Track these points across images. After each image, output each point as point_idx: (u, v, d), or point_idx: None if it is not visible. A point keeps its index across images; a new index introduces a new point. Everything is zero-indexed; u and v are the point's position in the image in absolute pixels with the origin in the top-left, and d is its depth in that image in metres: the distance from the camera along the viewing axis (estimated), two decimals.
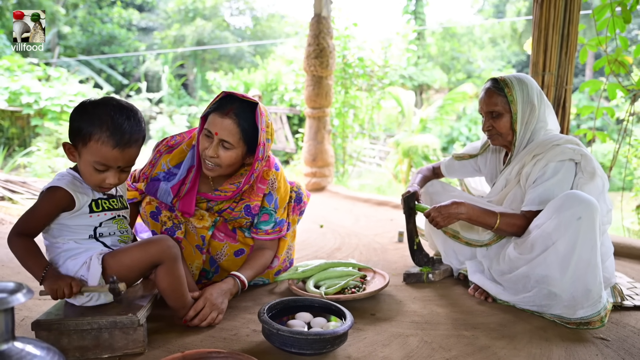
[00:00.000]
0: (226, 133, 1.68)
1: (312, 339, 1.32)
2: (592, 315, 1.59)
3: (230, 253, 1.94)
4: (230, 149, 1.71)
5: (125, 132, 1.35)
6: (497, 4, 24.02)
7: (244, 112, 1.71)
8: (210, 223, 1.87)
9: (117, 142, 1.34)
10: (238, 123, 1.69)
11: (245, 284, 1.79)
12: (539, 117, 1.95)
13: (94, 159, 1.35)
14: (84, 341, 1.34)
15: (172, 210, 1.82)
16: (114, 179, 1.39)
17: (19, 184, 4.44)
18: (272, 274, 2.06)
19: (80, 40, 20.07)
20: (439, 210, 1.94)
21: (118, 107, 1.37)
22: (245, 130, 1.71)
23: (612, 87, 3.26)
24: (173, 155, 1.87)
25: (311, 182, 5.60)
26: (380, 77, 7.93)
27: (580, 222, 1.58)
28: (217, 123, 1.68)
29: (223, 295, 1.68)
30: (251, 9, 25.39)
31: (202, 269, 1.92)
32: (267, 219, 1.94)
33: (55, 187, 1.36)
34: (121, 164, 1.38)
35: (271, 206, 1.93)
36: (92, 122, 1.33)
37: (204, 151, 1.72)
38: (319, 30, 5.39)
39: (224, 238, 1.92)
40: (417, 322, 1.69)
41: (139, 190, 1.87)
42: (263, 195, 1.92)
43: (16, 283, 0.96)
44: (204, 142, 1.72)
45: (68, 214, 1.39)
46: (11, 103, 9.42)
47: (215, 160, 1.71)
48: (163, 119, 14.03)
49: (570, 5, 2.73)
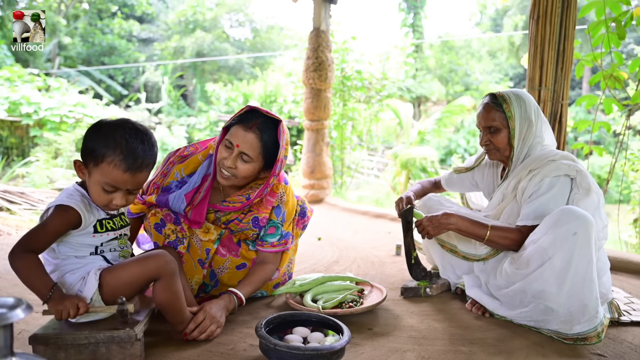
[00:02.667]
0: (247, 146, 1.72)
1: (310, 354, 1.32)
2: (589, 331, 1.60)
3: (232, 267, 1.94)
4: (249, 162, 1.75)
5: (138, 156, 1.36)
6: (495, 18, 24.28)
7: (267, 127, 1.75)
8: (216, 236, 1.88)
9: (129, 166, 1.34)
10: (260, 138, 1.73)
11: (243, 300, 1.79)
12: (536, 132, 1.97)
13: (104, 180, 1.35)
14: (81, 356, 1.33)
15: (176, 224, 1.82)
16: (122, 200, 1.40)
17: (17, 194, 4.43)
18: (271, 286, 2.06)
19: (80, 50, 20.18)
20: (430, 220, 2.01)
21: (133, 130, 1.38)
22: (266, 146, 1.76)
23: (608, 102, 3.29)
24: (187, 164, 1.90)
25: (309, 194, 5.61)
26: (378, 89, 7.98)
27: (576, 238, 1.59)
28: (239, 136, 1.72)
29: (221, 310, 1.68)
30: (251, 21, 25.59)
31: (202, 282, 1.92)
32: (274, 232, 1.95)
33: (66, 207, 1.36)
34: (130, 187, 1.39)
35: (279, 219, 1.95)
36: (107, 144, 1.34)
37: (222, 160, 1.76)
38: (318, 44, 5.45)
39: (226, 253, 1.92)
40: (415, 337, 1.69)
41: (147, 203, 1.87)
42: (271, 207, 1.94)
43: (16, 298, 0.97)
44: (223, 152, 1.76)
45: (73, 232, 1.39)
46: (11, 113, 9.44)
47: (233, 171, 1.75)
48: (162, 129, 14.06)
49: (565, 22, 2.77)
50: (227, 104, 15.60)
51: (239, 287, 1.82)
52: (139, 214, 1.90)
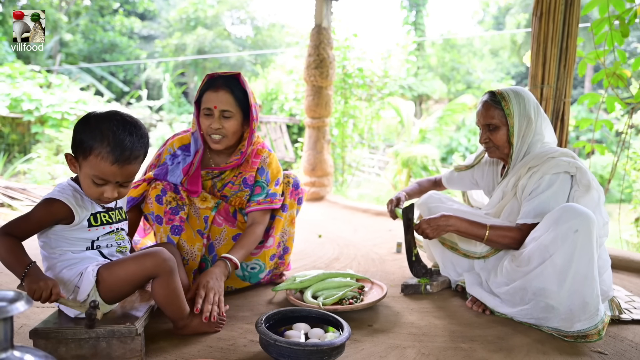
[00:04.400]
0: (224, 103, 1.86)
1: (310, 350, 1.32)
2: (590, 329, 1.59)
3: (229, 238, 2.03)
4: (231, 117, 1.89)
5: (126, 148, 1.34)
6: (497, 16, 24.21)
7: (231, 83, 1.90)
8: (213, 204, 1.99)
9: (116, 158, 1.33)
10: (231, 91, 1.88)
11: (237, 264, 1.83)
12: (536, 130, 1.97)
13: (93, 173, 1.34)
14: (81, 350, 1.34)
15: (176, 192, 1.91)
16: (112, 193, 1.38)
17: (19, 190, 4.44)
18: (268, 257, 2.08)
19: (82, 47, 20.16)
20: (428, 222, 2.00)
21: (121, 122, 1.37)
22: (238, 97, 1.90)
23: (611, 100, 3.28)
24: (178, 139, 2.01)
25: (310, 192, 5.60)
26: (379, 87, 7.97)
27: (577, 235, 1.59)
28: (212, 98, 1.87)
29: (217, 279, 1.71)
30: (252, 18, 25.55)
31: (202, 257, 1.97)
32: (260, 192, 2.05)
33: (54, 200, 1.35)
34: (120, 180, 1.38)
35: (263, 178, 2.06)
36: (94, 136, 1.33)
37: (208, 128, 1.88)
38: (320, 41, 5.43)
39: (222, 222, 2.02)
40: (415, 333, 1.69)
41: (147, 180, 1.94)
42: (257, 168, 2.06)
43: (15, 292, 0.97)
44: (206, 121, 1.90)
45: (67, 227, 1.38)
46: (12, 110, 9.45)
47: (221, 131, 1.88)
48: (163, 126, 14.05)
49: (568, 19, 2.76)
50: None
51: (231, 251, 1.87)
52: (142, 195, 1.92)
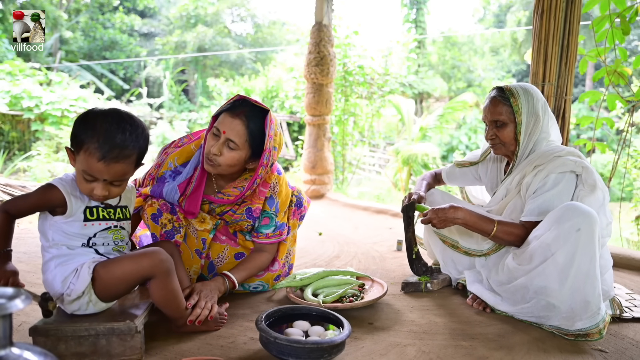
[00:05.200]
0: (234, 133, 1.72)
1: (310, 347, 1.31)
2: (591, 327, 1.59)
3: (231, 256, 1.95)
4: (235, 150, 1.74)
5: (116, 146, 1.32)
6: (498, 14, 24.15)
7: (254, 116, 1.75)
8: (212, 226, 1.89)
9: (103, 155, 1.31)
10: (247, 125, 1.73)
11: (235, 284, 1.81)
12: (543, 128, 1.95)
13: (82, 168, 1.34)
14: (81, 347, 1.33)
15: (173, 213, 1.83)
16: (102, 191, 1.36)
17: (19, 188, 4.43)
18: (272, 279, 2.05)
19: (82, 45, 20.13)
20: (436, 213, 1.95)
21: (117, 119, 1.35)
22: (253, 134, 1.74)
23: (612, 98, 3.27)
24: (180, 152, 1.91)
25: (310, 190, 5.60)
26: (380, 85, 7.95)
27: (580, 234, 1.58)
28: (226, 122, 1.73)
29: (213, 291, 1.69)
30: (252, 16, 25.49)
31: (200, 274, 1.92)
32: (268, 223, 1.95)
33: (51, 185, 1.38)
34: (107, 178, 1.35)
35: (272, 210, 1.95)
36: (87, 131, 1.32)
37: (209, 148, 1.75)
38: (320, 38, 5.42)
39: (225, 240, 1.94)
40: (415, 331, 1.68)
41: (143, 195, 1.87)
42: (265, 198, 1.94)
43: (15, 289, 0.96)
44: (211, 140, 1.77)
45: (63, 217, 1.38)
46: (12, 107, 9.44)
47: (217, 158, 1.74)
48: (163, 124, 14.04)
49: (570, 17, 2.74)
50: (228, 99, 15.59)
51: (233, 270, 1.84)
52: (137, 209, 1.90)
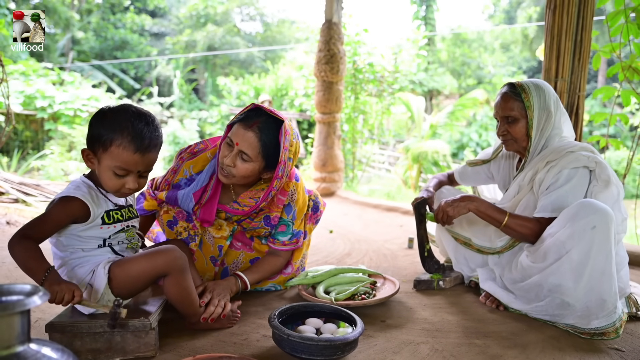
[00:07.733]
0: (246, 145, 1.68)
1: (323, 345, 1.31)
2: (607, 326, 1.57)
3: (246, 261, 1.96)
4: (248, 162, 1.71)
5: (145, 137, 1.38)
6: (508, 10, 23.93)
7: (268, 127, 1.71)
8: (229, 233, 1.89)
9: (138, 147, 1.36)
10: (259, 137, 1.69)
11: (248, 285, 1.81)
12: (555, 123, 1.93)
13: (115, 164, 1.36)
14: (96, 344, 1.35)
15: (189, 221, 1.83)
16: (134, 183, 1.41)
17: (33, 186, 4.49)
18: (285, 281, 2.05)
19: (93, 45, 20.33)
20: (449, 203, 1.96)
21: (137, 113, 1.40)
22: (266, 146, 1.71)
23: (626, 94, 3.22)
24: (196, 161, 1.88)
25: (321, 187, 5.60)
26: (390, 82, 7.92)
27: (595, 231, 1.56)
28: (239, 134, 1.69)
29: (225, 290, 1.70)
30: (262, 14, 25.54)
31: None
32: (285, 230, 1.95)
33: (71, 197, 1.36)
34: (141, 168, 1.41)
35: (289, 217, 1.94)
36: (114, 128, 1.35)
37: (223, 158, 1.73)
38: (330, 36, 5.41)
39: (240, 247, 1.94)
40: (428, 329, 1.68)
41: (158, 200, 1.87)
42: (283, 206, 1.92)
43: (32, 286, 0.98)
44: (225, 150, 1.74)
45: (81, 225, 1.39)
46: (26, 107, 9.57)
47: (231, 169, 1.72)
48: (174, 123, 14.13)
49: (583, 12, 2.71)
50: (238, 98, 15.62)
51: (246, 272, 1.85)
52: (152, 212, 1.91)
